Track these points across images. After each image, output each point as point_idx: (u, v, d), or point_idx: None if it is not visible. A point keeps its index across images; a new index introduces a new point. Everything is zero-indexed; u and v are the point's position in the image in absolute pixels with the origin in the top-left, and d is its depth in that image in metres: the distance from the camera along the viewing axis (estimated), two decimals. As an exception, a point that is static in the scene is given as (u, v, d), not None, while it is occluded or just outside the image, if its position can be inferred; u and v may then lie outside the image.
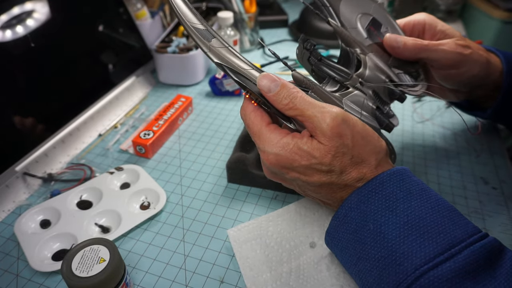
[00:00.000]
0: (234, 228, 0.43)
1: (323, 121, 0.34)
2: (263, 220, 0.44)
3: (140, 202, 0.49)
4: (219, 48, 0.37)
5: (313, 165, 0.34)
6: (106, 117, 0.64)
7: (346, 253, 0.34)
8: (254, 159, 0.51)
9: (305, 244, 0.41)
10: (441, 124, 0.63)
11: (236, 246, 0.41)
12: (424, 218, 0.31)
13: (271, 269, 0.39)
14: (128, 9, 0.72)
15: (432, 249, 0.29)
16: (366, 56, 0.44)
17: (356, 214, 0.34)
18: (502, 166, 0.55)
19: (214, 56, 0.36)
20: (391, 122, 0.43)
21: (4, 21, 0.51)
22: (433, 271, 0.28)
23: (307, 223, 0.43)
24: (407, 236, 0.30)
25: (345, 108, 0.40)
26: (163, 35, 0.77)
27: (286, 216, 0.44)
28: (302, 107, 0.35)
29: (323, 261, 0.40)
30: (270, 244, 0.41)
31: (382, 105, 0.44)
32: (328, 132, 0.34)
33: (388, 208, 0.32)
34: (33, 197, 0.50)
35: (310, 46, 0.43)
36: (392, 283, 0.30)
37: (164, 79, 0.76)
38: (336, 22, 0.46)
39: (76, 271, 0.33)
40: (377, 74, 0.44)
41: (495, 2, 1.01)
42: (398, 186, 0.33)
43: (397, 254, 0.30)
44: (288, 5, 1.17)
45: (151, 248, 0.44)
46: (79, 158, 0.57)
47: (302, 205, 0.45)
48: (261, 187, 0.51)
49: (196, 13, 0.38)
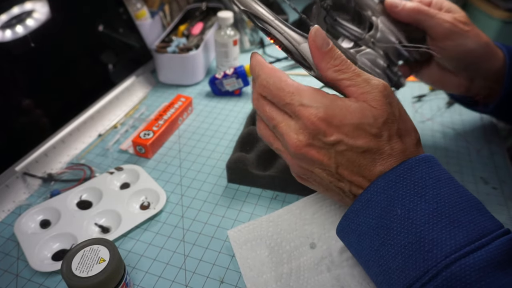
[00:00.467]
0: (235, 229, 0.43)
1: (375, 87, 0.34)
2: (263, 220, 0.44)
3: (140, 202, 0.49)
4: None
5: (364, 125, 0.33)
6: (106, 117, 0.64)
7: (366, 239, 0.33)
8: (254, 159, 0.51)
9: (305, 245, 0.41)
10: (441, 124, 0.63)
11: (236, 246, 0.41)
12: (453, 206, 0.30)
13: (271, 269, 0.39)
14: (128, 9, 0.72)
15: (462, 237, 0.29)
16: (378, 18, 0.46)
17: (383, 199, 0.32)
18: (502, 166, 0.55)
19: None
20: (400, 81, 0.46)
21: (4, 21, 0.51)
22: (464, 260, 0.28)
23: (307, 224, 0.43)
24: (436, 223, 0.30)
25: (358, 64, 0.41)
26: (163, 35, 0.77)
27: (286, 216, 0.44)
28: (354, 71, 0.34)
29: (323, 262, 0.40)
30: (271, 245, 0.41)
31: (392, 65, 0.46)
32: (380, 98, 0.33)
33: (417, 194, 0.31)
34: (33, 197, 0.50)
35: (327, 6, 0.44)
36: (419, 270, 0.29)
37: (164, 79, 0.76)
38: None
39: (76, 271, 0.33)
40: (387, 36, 0.46)
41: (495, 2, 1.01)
42: (427, 173, 0.32)
43: (426, 241, 0.29)
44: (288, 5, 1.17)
45: (151, 248, 0.44)
46: (79, 158, 0.57)
47: (302, 206, 0.45)
48: (261, 187, 0.51)
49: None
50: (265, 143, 0.52)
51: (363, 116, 0.33)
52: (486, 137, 0.60)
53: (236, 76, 0.70)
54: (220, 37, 0.72)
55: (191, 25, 0.81)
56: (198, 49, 0.72)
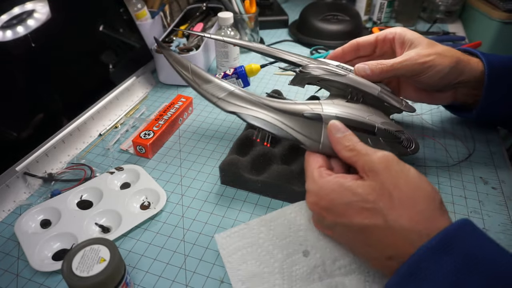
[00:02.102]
0: (223, 234, 0.41)
1: (374, 155, 0.34)
2: (254, 225, 0.42)
3: (140, 202, 0.49)
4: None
5: (354, 202, 0.32)
6: (106, 117, 0.64)
7: None
8: (248, 162, 0.51)
9: (298, 253, 0.40)
10: (441, 124, 0.63)
11: (226, 255, 0.39)
12: None
13: (263, 281, 0.38)
14: (129, 9, 0.72)
15: None
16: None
17: None
18: (502, 166, 0.55)
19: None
20: (412, 147, 0.48)
21: (4, 21, 0.51)
22: None
23: (301, 230, 0.41)
24: None
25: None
26: (163, 35, 0.77)
27: (279, 221, 0.42)
28: (360, 147, 0.36)
29: (315, 271, 0.39)
30: (262, 254, 0.40)
31: (399, 133, 0.48)
32: (377, 165, 0.33)
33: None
34: (33, 197, 0.50)
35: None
36: None
37: (164, 79, 0.76)
38: None
39: (76, 271, 0.33)
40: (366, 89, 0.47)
41: (494, 3, 1.01)
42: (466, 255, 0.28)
43: None
44: (288, 6, 1.17)
45: (151, 248, 0.44)
46: (79, 158, 0.57)
47: (297, 210, 0.43)
48: (253, 191, 0.50)
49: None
50: (261, 148, 0.52)
51: (353, 194, 0.33)
52: (486, 137, 0.60)
53: (236, 76, 0.70)
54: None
55: (191, 25, 0.81)
56: (198, 49, 0.72)
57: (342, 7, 0.94)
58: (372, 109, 0.47)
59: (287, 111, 0.42)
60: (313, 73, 0.47)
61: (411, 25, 1.06)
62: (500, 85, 0.49)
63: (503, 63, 0.49)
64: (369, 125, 0.43)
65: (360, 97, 0.47)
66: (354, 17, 0.93)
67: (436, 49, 0.49)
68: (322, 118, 0.41)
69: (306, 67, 0.48)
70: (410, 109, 0.50)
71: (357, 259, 0.39)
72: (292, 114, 0.42)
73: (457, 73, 0.49)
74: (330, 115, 0.41)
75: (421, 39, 0.50)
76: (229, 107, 0.42)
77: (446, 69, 0.48)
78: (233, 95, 0.43)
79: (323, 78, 0.47)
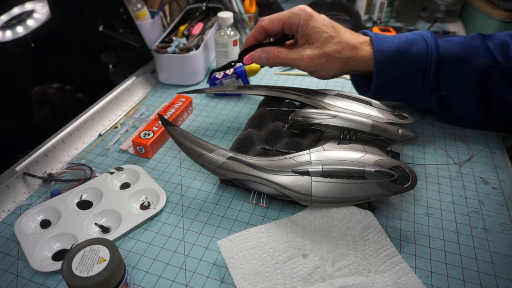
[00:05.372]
0: (225, 239, 0.42)
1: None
2: (254, 231, 0.43)
3: (140, 202, 0.49)
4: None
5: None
6: (106, 117, 0.64)
7: None
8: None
9: (297, 255, 0.41)
10: (441, 124, 0.63)
11: (228, 257, 0.40)
12: None
13: (265, 279, 0.38)
14: (128, 9, 0.72)
15: None
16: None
17: None
18: (502, 166, 0.55)
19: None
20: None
21: (4, 21, 0.51)
22: None
23: (299, 237, 0.43)
24: None
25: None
26: (163, 35, 0.77)
27: (277, 229, 0.44)
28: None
29: (316, 272, 0.39)
30: (263, 255, 0.41)
31: None
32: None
33: None
34: (33, 197, 0.50)
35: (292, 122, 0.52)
36: None
37: (164, 79, 0.76)
38: None
39: (76, 271, 0.33)
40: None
41: (495, 2, 1.01)
42: None
43: None
44: (288, 5, 1.17)
45: (151, 248, 0.44)
46: (79, 158, 0.57)
47: (292, 221, 0.45)
48: (250, 192, 0.50)
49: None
50: (261, 149, 0.52)
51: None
52: (486, 137, 0.60)
53: (236, 76, 0.70)
54: (220, 37, 0.72)
55: (191, 25, 0.81)
56: (198, 49, 0.72)
57: (342, 7, 0.94)
58: (366, 146, 0.47)
59: (276, 168, 0.45)
60: (303, 121, 0.51)
61: (411, 24, 1.05)
62: (389, 70, 0.53)
63: (390, 48, 0.53)
64: (358, 171, 0.43)
65: (353, 135, 0.48)
66: (354, 16, 0.93)
67: (328, 49, 0.52)
68: (310, 173, 0.44)
69: (296, 114, 0.51)
70: (406, 138, 0.49)
71: (356, 261, 0.40)
72: (281, 171, 0.45)
73: (345, 70, 0.55)
74: (316, 171, 0.44)
75: (319, 34, 0.52)
76: (226, 175, 0.47)
77: (333, 71, 0.54)
78: (225, 165, 0.47)
79: (314, 122, 0.50)
